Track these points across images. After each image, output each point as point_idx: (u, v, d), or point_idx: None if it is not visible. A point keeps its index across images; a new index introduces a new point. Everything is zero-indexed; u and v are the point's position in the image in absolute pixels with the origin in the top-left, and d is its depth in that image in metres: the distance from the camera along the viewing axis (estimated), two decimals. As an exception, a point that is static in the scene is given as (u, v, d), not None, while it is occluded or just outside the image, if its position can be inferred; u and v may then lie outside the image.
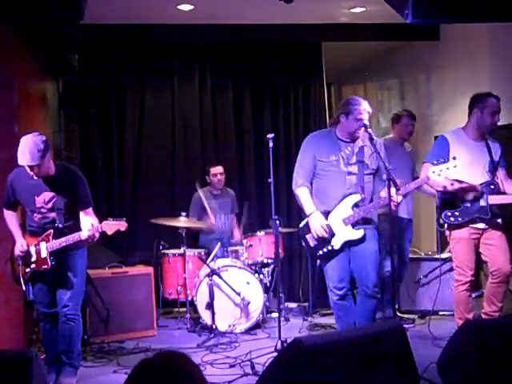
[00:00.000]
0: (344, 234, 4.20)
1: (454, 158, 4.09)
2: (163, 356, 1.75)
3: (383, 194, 4.06)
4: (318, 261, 4.42)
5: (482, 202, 4.36)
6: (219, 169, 6.12)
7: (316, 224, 4.20)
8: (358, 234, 4.19)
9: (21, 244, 4.05)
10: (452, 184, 4.33)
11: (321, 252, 4.25)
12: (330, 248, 4.21)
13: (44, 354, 4.20)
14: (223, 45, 6.42)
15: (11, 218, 4.16)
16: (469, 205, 4.39)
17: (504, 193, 4.42)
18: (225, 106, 6.58)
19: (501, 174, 4.49)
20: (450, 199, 4.43)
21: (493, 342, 2.51)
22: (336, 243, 4.20)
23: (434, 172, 4.06)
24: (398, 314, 5.52)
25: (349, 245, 4.21)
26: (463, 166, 4.30)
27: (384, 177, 4.15)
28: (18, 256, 4.05)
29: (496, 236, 4.43)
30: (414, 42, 6.50)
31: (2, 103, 4.52)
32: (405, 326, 4.46)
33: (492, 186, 4.40)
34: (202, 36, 6.13)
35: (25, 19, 3.70)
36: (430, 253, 5.91)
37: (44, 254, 3.99)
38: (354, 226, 4.20)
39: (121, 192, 6.37)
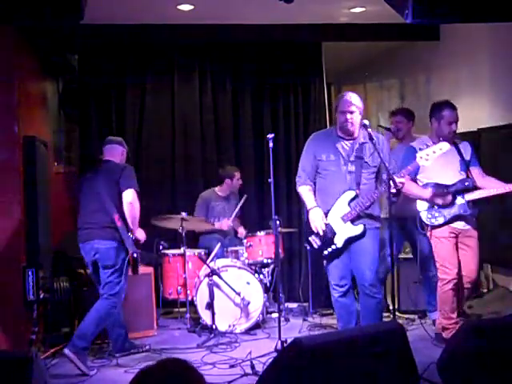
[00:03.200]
0: (345, 231, 4.22)
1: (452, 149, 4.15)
2: (165, 363, 1.75)
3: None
4: (325, 262, 4.43)
5: (460, 200, 4.43)
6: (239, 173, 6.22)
7: (314, 219, 4.25)
8: (357, 229, 4.21)
9: None
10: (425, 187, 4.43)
11: (326, 252, 4.28)
12: (334, 247, 4.25)
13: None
14: (223, 45, 6.42)
15: None
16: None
17: (479, 188, 4.48)
18: (225, 106, 6.57)
19: (475, 172, 4.55)
20: (430, 201, 4.50)
21: (492, 342, 2.51)
22: (339, 241, 4.23)
23: (421, 157, 4.08)
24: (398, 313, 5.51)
25: (351, 242, 4.23)
26: (437, 169, 4.40)
27: (384, 176, 4.16)
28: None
29: (470, 240, 4.52)
30: (414, 41, 6.49)
31: (2, 103, 4.52)
32: None
33: (466, 183, 4.46)
34: (202, 36, 6.13)
35: (25, 19, 3.70)
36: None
37: None
38: (353, 222, 4.22)
39: (121, 192, 6.37)
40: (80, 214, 4.75)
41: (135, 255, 4.59)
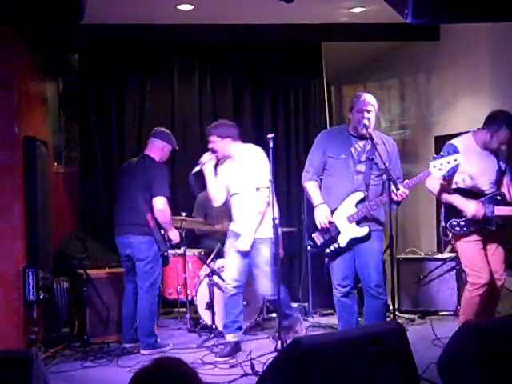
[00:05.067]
0: (349, 231, 4.22)
1: (456, 152, 4.04)
2: (160, 363, 1.74)
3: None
4: (326, 260, 4.42)
5: (488, 213, 4.26)
6: None
7: (320, 215, 4.23)
8: (362, 231, 4.20)
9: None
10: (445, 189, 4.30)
11: (328, 250, 4.28)
12: (336, 246, 4.24)
13: None
14: (223, 45, 6.42)
15: None
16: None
17: (510, 203, 4.34)
18: (225, 106, 6.57)
19: (507, 179, 4.42)
20: (455, 209, 4.33)
21: (493, 343, 2.51)
22: (342, 241, 4.22)
23: (434, 167, 3.96)
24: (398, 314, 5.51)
25: (354, 243, 4.23)
26: (473, 175, 4.28)
27: (384, 177, 4.16)
28: None
29: (495, 246, 4.40)
30: (414, 42, 6.49)
31: (2, 103, 4.52)
32: None
33: (498, 197, 4.33)
34: (202, 36, 6.12)
35: (25, 19, 3.70)
36: (429, 253, 5.92)
37: None
38: (358, 223, 4.21)
39: (121, 192, 6.36)
40: (116, 208, 4.97)
41: (166, 254, 4.81)
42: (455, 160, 3.95)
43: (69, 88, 6.27)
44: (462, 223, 4.32)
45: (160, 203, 4.69)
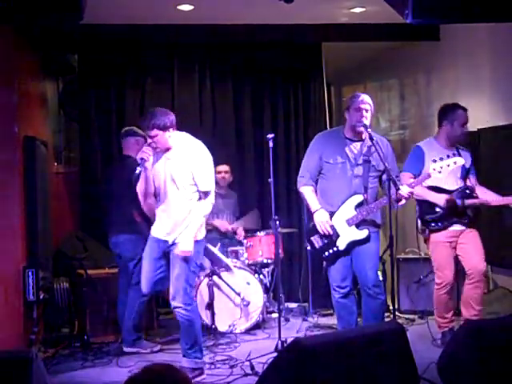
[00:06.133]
0: (348, 234, 4.21)
1: (454, 155, 4.17)
2: (150, 369, 1.73)
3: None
4: (324, 262, 4.43)
5: (459, 202, 4.45)
6: (225, 167, 6.15)
7: (321, 220, 4.22)
8: (362, 234, 4.20)
9: None
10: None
11: (326, 253, 4.27)
12: (335, 249, 4.23)
13: None
14: (223, 45, 6.42)
15: None
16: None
17: (477, 197, 4.53)
18: (225, 106, 6.57)
19: (472, 180, 4.63)
20: (429, 205, 4.53)
21: (493, 343, 2.51)
22: (341, 244, 4.22)
23: (434, 169, 4.07)
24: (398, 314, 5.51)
25: (353, 245, 4.22)
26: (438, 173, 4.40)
27: (384, 177, 4.16)
28: None
29: (470, 235, 4.54)
30: (414, 42, 6.49)
31: (2, 103, 4.52)
32: None
33: (467, 191, 4.51)
34: (202, 36, 6.12)
35: (25, 19, 3.70)
36: (429, 253, 5.91)
37: None
38: (358, 226, 4.21)
39: (121, 192, 6.36)
40: (106, 211, 5.12)
41: None
42: (455, 163, 4.08)
43: (69, 88, 6.27)
44: (437, 218, 4.51)
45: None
